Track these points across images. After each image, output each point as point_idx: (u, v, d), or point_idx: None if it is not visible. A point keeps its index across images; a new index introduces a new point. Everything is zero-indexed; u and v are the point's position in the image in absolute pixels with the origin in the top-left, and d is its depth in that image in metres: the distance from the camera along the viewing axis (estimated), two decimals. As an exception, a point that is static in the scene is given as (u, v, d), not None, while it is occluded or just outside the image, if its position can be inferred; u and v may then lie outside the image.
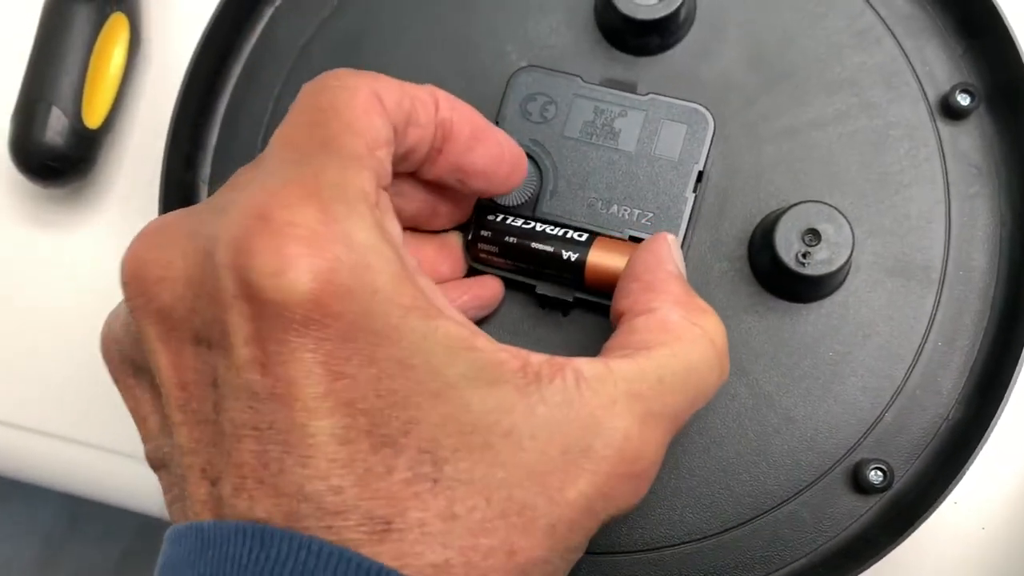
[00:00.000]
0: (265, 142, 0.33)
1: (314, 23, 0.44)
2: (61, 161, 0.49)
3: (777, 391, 0.39)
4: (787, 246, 0.38)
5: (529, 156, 0.38)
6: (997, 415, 0.38)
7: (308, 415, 0.25)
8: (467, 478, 0.26)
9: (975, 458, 0.37)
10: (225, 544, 0.26)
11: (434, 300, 0.28)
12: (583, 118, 0.38)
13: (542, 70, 0.39)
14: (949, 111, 0.41)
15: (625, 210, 0.38)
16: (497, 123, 0.38)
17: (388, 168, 0.30)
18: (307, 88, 0.30)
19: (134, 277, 0.28)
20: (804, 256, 0.38)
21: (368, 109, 0.29)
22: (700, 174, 0.38)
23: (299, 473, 0.25)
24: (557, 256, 0.37)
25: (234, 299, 0.26)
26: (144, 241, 0.29)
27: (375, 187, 0.29)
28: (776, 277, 0.39)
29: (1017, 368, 0.38)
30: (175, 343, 0.28)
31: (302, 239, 0.26)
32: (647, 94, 0.38)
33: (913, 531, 0.37)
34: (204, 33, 0.43)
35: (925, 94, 0.41)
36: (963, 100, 0.41)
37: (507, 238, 0.38)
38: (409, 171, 0.34)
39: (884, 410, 0.39)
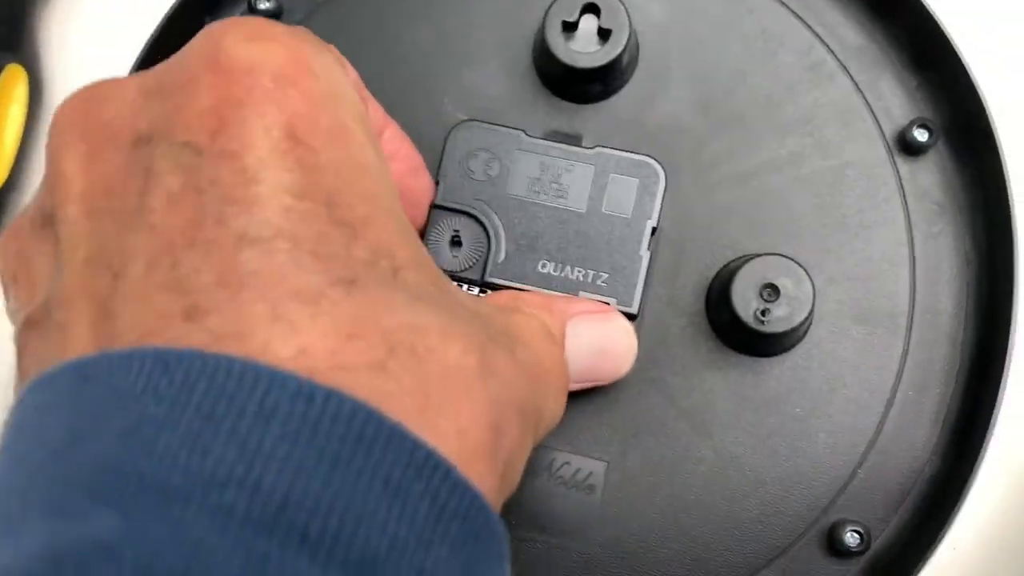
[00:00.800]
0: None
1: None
2: (-38, 226, 0.45)
3: (744, 452, 0.37)
4: (745, 303, 0.35)
5: (474, 217, 0.36)
6: (975, 468, 0.36)
7: (259, 166, 0.23)
8: (418, 293, 0.25)
9: (955, 516, 0.36)
10: (111, 375, 0.21)
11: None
12: (529, 174, 0.36)
13: (483, 125, 0.36)
14: (907, 147, 0.39)
15: (579, 272, 0.35)
16: (437, 181, 0.36)
17: None
18: None
19: (77, 101, 0.26)
20: (763, 313, 0.35)
21: (343, 62, 0.29)
22: (654, 230, 0.36)
23: (242, 221, 0.23)
24: None
25: (202, 72, 0.24)
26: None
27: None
28: (735, 333, 0.37)
29: (993, 415, 0.36)
30: (107, 152, 0.25)
31: (278, 27, 0.26)
32: (594, 147, 0.36)
33: (895, 599, 0.35)
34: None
35: (882, 130, 0.39)
36: (920, 136, 0.39)
37: None
38: None
39: (856, 467, 0.37)
